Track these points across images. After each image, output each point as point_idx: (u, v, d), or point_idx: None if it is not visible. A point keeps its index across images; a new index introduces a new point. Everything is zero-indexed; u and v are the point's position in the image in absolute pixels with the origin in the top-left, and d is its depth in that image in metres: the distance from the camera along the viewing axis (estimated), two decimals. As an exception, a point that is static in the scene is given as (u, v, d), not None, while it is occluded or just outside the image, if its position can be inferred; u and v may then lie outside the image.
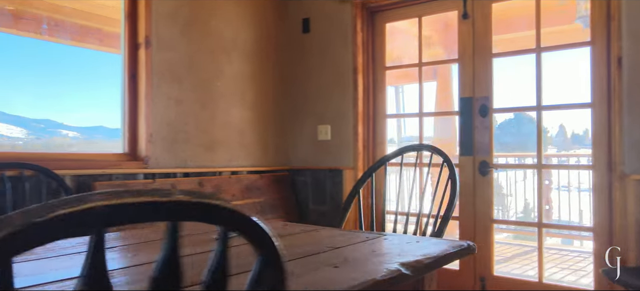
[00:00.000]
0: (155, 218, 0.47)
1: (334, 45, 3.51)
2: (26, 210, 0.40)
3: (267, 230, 0.59)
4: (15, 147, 7.37)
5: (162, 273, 0.50)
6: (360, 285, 0.98)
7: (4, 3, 3.01)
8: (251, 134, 3.43)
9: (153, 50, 2.81)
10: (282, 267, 0.63)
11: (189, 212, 0.50)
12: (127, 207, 0.44)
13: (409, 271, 1.15)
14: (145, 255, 1.30)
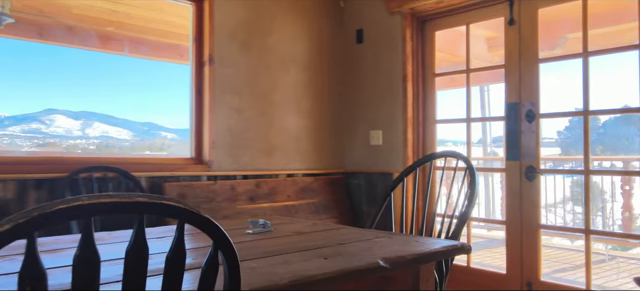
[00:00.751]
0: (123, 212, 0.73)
1: (385, 54, 3.68)
2: (41, 206, 0.67)
3: (215, 223, 0.83)
4: (123, 148, 8.29)
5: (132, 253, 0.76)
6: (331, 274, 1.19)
7: (95, 26, 3.57)
8: (306, 139, 3.70)
9: (216, 66, 3.17)
10: (232, 249, 0.86)
11: (149, 208, 0.76)
12: (103, 204, 0.70)
13: (388, 264, 1.33)
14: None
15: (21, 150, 6.34)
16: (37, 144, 17.30)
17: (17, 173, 2.40)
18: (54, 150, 14.92)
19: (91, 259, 0.71)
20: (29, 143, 17.35)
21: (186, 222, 0.81)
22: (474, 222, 5.28)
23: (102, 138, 19.56)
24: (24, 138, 17.37)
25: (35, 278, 0.66)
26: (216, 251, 0.85)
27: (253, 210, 3.16)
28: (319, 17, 3.81)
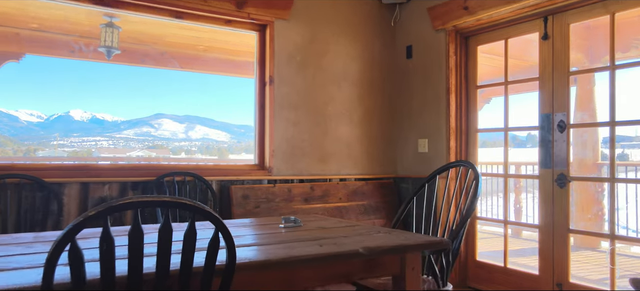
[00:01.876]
0: (156, 206, 1.24)
1: (431, 68, 3.99)
2: (109, 201, 1.20)
3: (216, 215, 1.31)
4: (221, 149, 9.43)
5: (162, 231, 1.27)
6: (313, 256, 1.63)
7: (183, 50, 4.29)
8: (358, 147, 4.12)
9: (275, 85, 3.72)
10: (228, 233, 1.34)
11: (173, 205, 1.26)
12: (145, 201, 1.22)
13: (365, 252, 1.74)
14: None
15: (122, 155, 7.41)
16: (147, 146, 18.95)
17: (120, 177, 3.11)
18: (160, 152, 16.45)
19: (138, 235, 1.22)
20: (140, 145, 19.06)
21: (196, 214, 1.30)
22: (523, 228, 5.33)
23: (203, 140, 21.11)
24: (136, 141, 19.15)
25: (108, 242, 1.19)
26: (217, 234, 1.34)
27: (307, 210, 3.66)
28: (371, 36, 4.21)
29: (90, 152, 14.65)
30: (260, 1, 3.62)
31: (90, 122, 17.90)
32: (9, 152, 10.26)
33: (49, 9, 3.53)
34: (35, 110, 11.93)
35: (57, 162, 3.69)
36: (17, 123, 14.31)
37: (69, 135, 15.95)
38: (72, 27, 4.14)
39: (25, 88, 8.00)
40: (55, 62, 8.41)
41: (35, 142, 12.65)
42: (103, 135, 17.55)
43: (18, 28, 4.08)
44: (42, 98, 9.00)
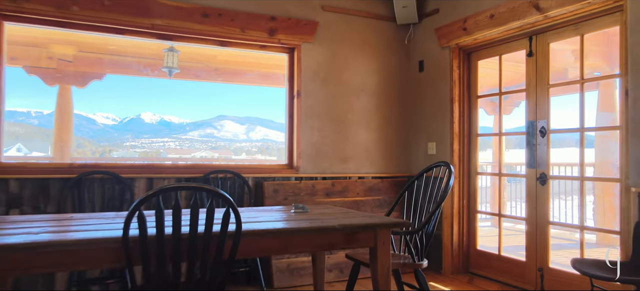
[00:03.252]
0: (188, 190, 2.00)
1: (438, 80, 4.56)
2: (162, 186, 1.96)
3: (227, 195, 2.05)
4: (280, 150, 10.26)
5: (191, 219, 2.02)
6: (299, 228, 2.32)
7: (232, 67, 5.11)
8: (375, 150, 4.77)
9: (302, 98, 4.44)
10: (236, 210, 2.07)
11: (200, 190, 2.01)
12: (180, 186, 1.98)
13: (339, 227, 2.42)
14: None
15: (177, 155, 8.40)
16: (210, 147, 20.06)
17: (177, 174, 3.95)
18: (222, 153, 17.44)
19: (177, 207, 1.98)
20: (204, 145, 20.22)
21: (214, 196, 2.04)
22: (516, 221, 5.73)
23: (263, 141, 22.17)
24: (200, 142, 20.32)
25: (159, 212, 1.94)
26: (229, 210, 2.07)
27: (327, 203, 4.35)
28: (387, 53, 4.84)
29: (159, 153, 15.84)
30: (289, 29, 4.36)
31: (159, 124, 19.14)
32: (88, 152, 11.55)
33: (124, 39, 4.44)
34: (110, 114, 13.25)
35: (130, 161, 4.59)
36: (94, 126, 15.74)
37: (140, 137, 17.23)
38: (141, 52, 5.07)
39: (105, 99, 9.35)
40: (129, 79, 9.46)
41: (110, 143, 14.00)
42: (170, 136, 18.80)
43: (100, 54, 5.07)
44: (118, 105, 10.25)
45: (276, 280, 3.94)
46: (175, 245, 1.95)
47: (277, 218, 2.69)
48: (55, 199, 3.55)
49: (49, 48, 4.78)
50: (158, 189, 1.91)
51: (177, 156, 16.35)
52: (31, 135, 9.83)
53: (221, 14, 4.09)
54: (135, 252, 1.94)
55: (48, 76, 5.29)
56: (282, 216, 2.77)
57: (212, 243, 2.04)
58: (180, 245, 1.95)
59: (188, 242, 1.98)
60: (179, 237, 1.95)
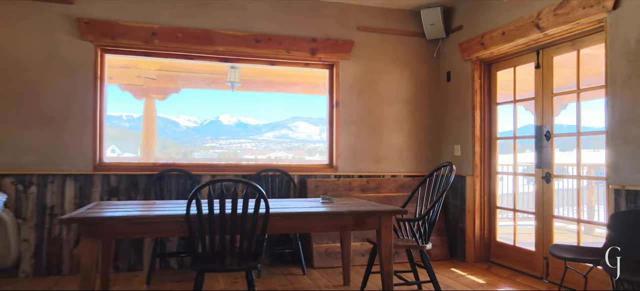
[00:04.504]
0: (232, 181, 2.81)
1: (462, 89, 5.09)
2: (211, 179, 2.79)
3: (258, 186, 2.83)
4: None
5: (232, 203, 2.82)
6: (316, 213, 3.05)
7: (284, 78, 5.95)
8: (407, 151, 5.38)
9: (340, 107, 5.17)
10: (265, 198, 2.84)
11: (241, 183, 2.81)
12: (222, 180, 2.80)
13: (348, 213, 3.12)
14: (284, 204, 3.64)
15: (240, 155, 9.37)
16: (285, 147, 21.06)
17: (234, 172, 4.83)
18: (297, 153, 18.25)
19: (222, 195, 2.79)
20: (279, 146, 21.22)
21: (249, 188, 2.83)
22: (527, 215, 6.04)
23: (335, 142, 21.95)
24: (276, 142, 21.39)
25: (210, 198, 2.77)
26: (259, 198, 2.85)
27: (362, 197, 5.03)
28: (418, 65, 5.44)
29: (236, 153, 16.62)
30: (328, 48, 5.10)
31: (236, 126, 19.93)
32: (172, 153, 12.85)
33: (194, 63, 5.40)
34: (192, 116, 14.53)
35: (197, 161, 5.54)
36: (178, 129, 17.00)
37: (218, 138, 18.13)
38: (208, 70, 6.04)
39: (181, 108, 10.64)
40: (199, 92, 10.70)
41: (192, 144, 15.27)
42: (247, 137, 19.80)
43: (177, 72, 6.10)
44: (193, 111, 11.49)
45: (316, 261, 4.70)
46: (221, 221, 2.76)
47: (304, 206, 3.44)
48: (143, 190, 4.56)
49: (137, 70, 5.89)
50: (208, 181, 2.74)
51: (253, 156, 17.45)
52: (123, 137, 11.18)
53: (270, 39, 4.92)
54: (194, 226, 2.77)
55: (137, 91, 6.44)
56: (309, 205, 3.53)
57: (248, 221, 2.83)
58: (224, 220, 2.76)
59: (231, 218, 2.78)
60: (224, 215, 2.76)
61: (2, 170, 4.20)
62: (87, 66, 4.47)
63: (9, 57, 4.28)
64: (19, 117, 4.28)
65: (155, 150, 6.67)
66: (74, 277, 4.20)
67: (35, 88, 4.32)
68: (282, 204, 3.51)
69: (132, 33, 4.55)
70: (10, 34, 4.29)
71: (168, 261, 4.60)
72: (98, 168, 4.47)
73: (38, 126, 4.32)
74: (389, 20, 5.33)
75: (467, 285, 4.09)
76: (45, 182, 4.31)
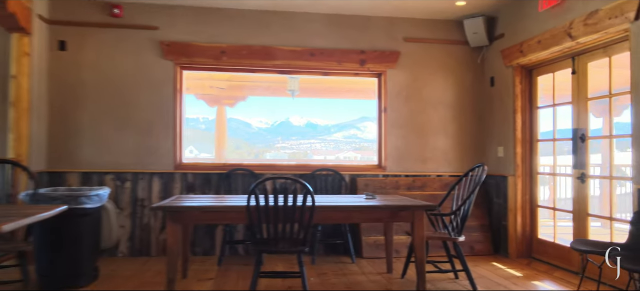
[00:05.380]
0: (284, 178, 3.41)
1: (504, 94, 5.38)
2: (265, 177, 3.40)
3: (305, 184, 3.40)
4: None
5: (284, 197, 3.42)
6: (356, 206, 3.57)
7: (341, 86, 6.51)
8: (452, 153, 5.74)
9: (388, 113, 5.64)
10: (312, 194, 3.41)
11: (286, 178, 3.41)
12: (274, 177, 3.40)
13: (383, 207, 3.60)
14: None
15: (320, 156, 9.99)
16: (354, 147, 21.65)
17: (291, 171, 5.45)
18: (366, 153, 18.74)
19: (276, 189, 3.39)
20: (348, 146, 21.75)
21: (298, 184, 3.41)
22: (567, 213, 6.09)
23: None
24: (345, 143, 22.00)
25: (266, 192, 3.38)
26: (307, 192, 3.42)
27: (408, 195, 5.47)
28: (463, 72, 5.78)
29: (306, 154, 17.02)
30: (376, 59, 5.59)
31: (306, 126, 20.44)
32: (244, 153, 13.62)
33: (257, 75, 6.09)
34: (264, 117, 15.34)
35: (259, 162, 6.21)
36: (250, 130, 17.69)
37: (289, 139, 18.61)
38: (270, 78, 6.73)
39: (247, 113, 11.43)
40: (263, 98, 11.28)
41: (263, 145, 15.88)
42: (316, 138, 20.07)
43: (243, 82, 6.86)
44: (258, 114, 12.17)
45: (365, 251, 5.21)
46: (274, 211, 3.36)
47: (346, 200, 3.97)
48: (214, 186, 5.30)
49: (209, 81, 6.70)
50: (263, 179, 3.35)
51: (322, 157, 18.04)
52: (200, 139, 12.13)
53: (323, 52, 5.50)
54: (254, 215, 3.40)
55: (209, 100, 7.28)
56: (352, 200, 4.05)
57: (297, 212, 3.41)
58: (277, 211, 3.36)
59: (283, 210, 3.38)
60: (277, 206, 3.36)
61: (105, 168, 5.11)
62: (168, 81, 5.28)
63: (109, 75, 5.18)
64: (117, 125, 5.17)
65: (226, 151, 7.48)
66: (159, 258, 5.02)
67: (129, 100, 5.20)
68: (328, 199, 4.07)
69: (204, 52, 5.31)
70: (111, 56, 5.19)
71: (236, 247, 5.30)
72: (178, 168, 5.27)
73: (131, 132, 5.19)
74: (434, 30, 5.72)
75: (503, 277, 4.42)
76: (137, 179, 5.17)
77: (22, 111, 4.61)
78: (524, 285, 4.16)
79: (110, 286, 3.97)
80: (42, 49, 4.98)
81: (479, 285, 4.09)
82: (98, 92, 5.18)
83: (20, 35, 4.60)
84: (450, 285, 4.13)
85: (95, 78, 5.18)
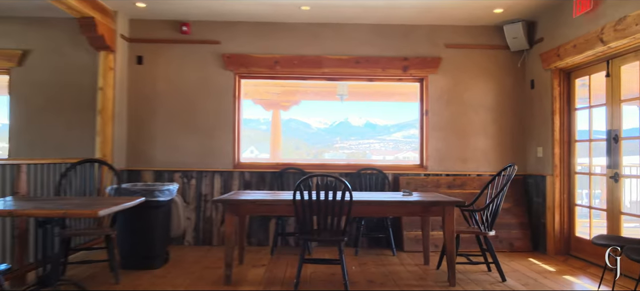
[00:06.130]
0: (325, 175, 3.89)
1: (543, 96, 5.56)
2: (308, 174, 3.90)
3: (344, 181, 3.86)
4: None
5: (325, 192, 3.90)
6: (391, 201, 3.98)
7: (387, 90, 6.91)
8: (492, 153, 5.97)
9: (430, 116, 5.97)
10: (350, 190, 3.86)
11: (326, 175, 3.88)
12: (314, 174, 3.89)
13: (415, 202, 3.99)
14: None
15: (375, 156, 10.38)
16: (413, 148, 21.86)
17: (338, 170, 5.92)
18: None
19: (318, 185, 3.88)
20: (407, 147, 21.87)
21: (339, 181, 3.87)
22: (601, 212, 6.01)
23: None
24: (404, 143, 22.09)
25: (308, 186, 3.87)
26: (345, 188, 3.88)
27: (448, 193, 5.78)
28: (503, 75, 6.00)
29: (365, 154, 17.33)
30: (418, 65, 5.94)
31: (365, 126, 20.67)
32: (303, 153, 13.99)
33: (307, 82, 6.63)
34: (322, 117, 15.83)
35: (306, 161, 6.65)
36: (309, 130, 18.08)
37: (348, 139, 18.90)
38: (320, 85, 7.25)
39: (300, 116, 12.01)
40: (312, 102, 11.89)
41: (322, 145, 16.21)
42: (375, 138, 20.24)
43: (295, 87, 7.42)
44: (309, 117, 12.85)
45: (406, 245, 5.58)
46: (317, 204, 3.85)
47: (383, 197, 4.39)
48: (268, 183, 5.88)
49: (265, 88, 7.32)
50: (307, 176, 3.84)
51: (381, 157, 18.38)
52: (261, 139, 12.79)
53: (368, 60, 5.93)
54: (299, 208, 3.90)
55: (266, 104, 7.91)
56: (390, 196, 4.46)
57: (336, 206, 3.88)
58: (319, 205, 3.84)
59: (324, 203, 3.86)
60: (319, 200, 3.84)
61: (174, 167, 5.84)
62: (228, 89, 5.93)
63: (178, 85, 5.91)
64: (184, 129, 5.88)
65: (280, 152, 8.09)
66: (220, 247, 5.66)
67: (195, 107, 5.90)
68: (366, 195, 4.50)
69: (260, 62, 5.90)
70: (179, 68, 5.92)
71: (287, 239, 5.85)
72: (236, 167, 5.91)
73: (196, 135, 5.88)
74: (474, 36, 5.99)
75: (536, 271, 4.65)
76: (201, 176, 5.85)
77: (107, 118, 5.41)
78: (554, 279, 4.38)
79: (179, 268, 4.63)
80: (123, 64, 5.77)
81: (511, 278, 4.37)
82: (168, 100, 5.91)
83: (106, 52, 5.40)
84: (482, 277, 4.44)
85: (166, 88, 5.92)
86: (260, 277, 4.34)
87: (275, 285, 4.08)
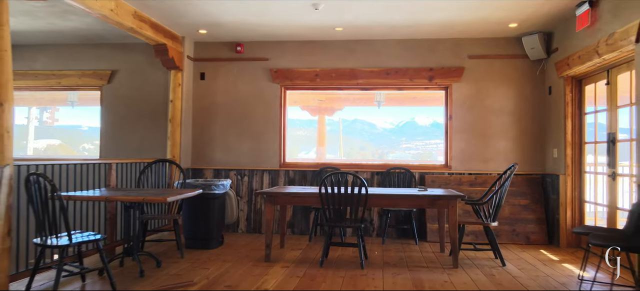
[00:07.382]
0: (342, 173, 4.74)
1: (558, 101, 6.04)
2: (331, 172, 4.75)
3: (360, 177, 4.67)
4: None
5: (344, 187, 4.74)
6: (402, 195, 4.75)
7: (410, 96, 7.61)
8: (512, 155, 6.51)
9: (453, 120, 6.61)
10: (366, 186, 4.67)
11: (344, 173, 4.72)
12: (335, 172, 4.74)
13: (423, 196, 4.72)
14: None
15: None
16: None
17: (370, 169, 6.71)
18: None
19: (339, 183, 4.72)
20: None
21: (357, 178, 4.70)
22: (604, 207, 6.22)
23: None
24: None
25: (331, 181, 4.73)
26: (361, 185, 4.69)
27: (469, 190, 6.39)
28: (523, 82, 6.52)
29: (431, 154, 17.79)
30: (443, 74, 6.60)
31: (431, 126, 20.91)
32: (368, 154, 14.53)
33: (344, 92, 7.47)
34: (388, 117, 16.38)
35: (340, 161, 7.51)
36: (374, 131, 18.50)
37: (414, 139, 19.20)
38: (360, 92, 8.06)
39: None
40: (353, 108, 12.34)
41: (387, 146, 16.60)
42: (440, 138, 20.47)
43: (336, 96, 8.29)
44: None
45: (428, 236, 6.28)
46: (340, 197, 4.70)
47: (398, 191, 5.15)
48: (309, 181, 6.80)
49: (310, 96, 8.27)
50: (329, 173, 4.70)
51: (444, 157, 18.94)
52: (306, 139, 13.66)
53: (397, 71, 6.68)
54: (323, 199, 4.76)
55: (312, 110, 8.85)
56: (403, 191, 5.21)
57: (355, 198, 4.71)
58: (340, 197, 4.69)
59: (344, 196, 4.70)
60: (340, 193, 4.69)
61: (230, 166, 6.92)
62: (275, 99, 6.91)
63: (233, 96, 6.98)
64: (238, 134, 6.94)
65: (323, 152, 8.99)
66: (268, 234, 6.65)
67: (247, 115, 6.94)
68: (383, 190, 5.28)
69: (302, 75, 6.84)
70: (234, 82, 6.99)
71: (325, 228, 6.74)
72: (282, 166, 6.88)
73: (249, 139, 6.92)
74: (495, 47, 6.55)
75: (540, 260, 5.21)
76: (252, 174, 6.88)
77: (175, 125, 6.58)
78: (552, 266, 4.94)
79: (231, 249, 5.66)
80: (189, 80, 6.93)
81: (512, 264, 4.98)
82: (225, 110, 7.00)
83: (176, 71, 6.57)
84: (485, 262, 5.08)
85: (224, 99, 7.01)
86: (295, 257, 5.26)
87: (306, 263, 4.97)
